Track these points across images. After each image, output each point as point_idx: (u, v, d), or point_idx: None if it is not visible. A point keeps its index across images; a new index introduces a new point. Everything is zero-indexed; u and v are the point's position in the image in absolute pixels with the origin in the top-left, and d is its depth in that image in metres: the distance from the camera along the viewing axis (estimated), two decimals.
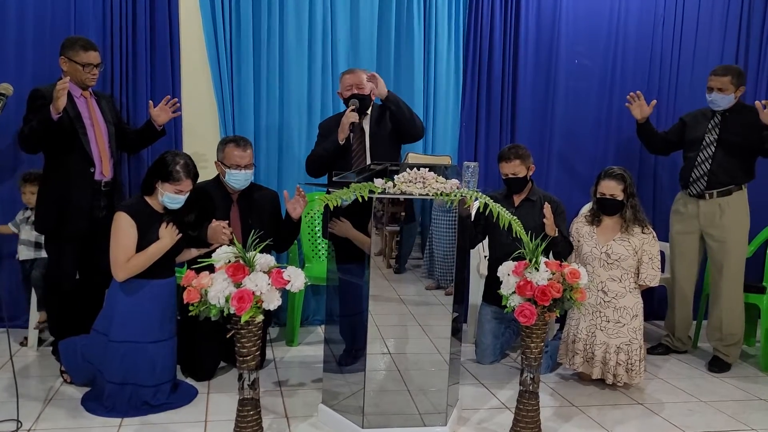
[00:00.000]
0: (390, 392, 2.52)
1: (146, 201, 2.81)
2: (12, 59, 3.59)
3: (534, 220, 3.23)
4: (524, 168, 3.37)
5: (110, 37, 3.66)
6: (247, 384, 2.33)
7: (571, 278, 2.42)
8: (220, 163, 3.16)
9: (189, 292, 2.22)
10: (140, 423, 2.60)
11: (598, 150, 4.41)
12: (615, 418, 2.85)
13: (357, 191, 2.31)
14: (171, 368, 2.83)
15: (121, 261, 2.68)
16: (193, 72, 3.86)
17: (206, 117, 3.90)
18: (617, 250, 3.14)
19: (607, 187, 3.19)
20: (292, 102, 3.95)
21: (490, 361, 3.50)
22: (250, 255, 2.27)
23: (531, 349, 2.48)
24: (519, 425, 2.53)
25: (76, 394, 2.84)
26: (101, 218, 3.08)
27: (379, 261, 2.46)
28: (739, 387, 3.32)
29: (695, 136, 3.64)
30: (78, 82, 3.09)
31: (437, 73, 4.13)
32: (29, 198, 3.47)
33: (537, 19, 4.25)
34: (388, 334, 2.50)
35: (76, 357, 2.87)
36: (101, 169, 3.12)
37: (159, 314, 2.77)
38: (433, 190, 2.39)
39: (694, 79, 4.38)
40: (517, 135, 4.27)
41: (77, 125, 3.04)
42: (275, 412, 2.77)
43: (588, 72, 4.37)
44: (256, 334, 2.30)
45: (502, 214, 2.40)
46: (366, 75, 3.24)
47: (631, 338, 3.10)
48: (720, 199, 3.55)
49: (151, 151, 3.70)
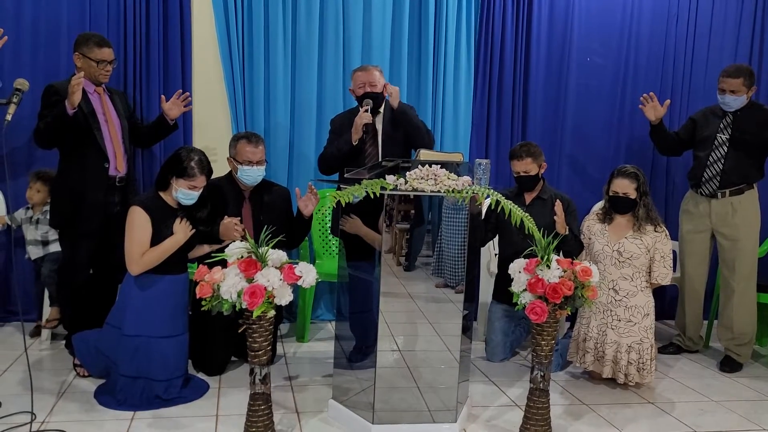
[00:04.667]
0: (400, 389, 2.52)
1: (160, 196, 2.83)
2: (27, 55, 3.63)
3: (545, 218, 3.22)
4: (536, 166, 3.36)
5: (124, 33, 3.69)
6: (259, 379, 2.34)
7: (582, 276, 2.41)
8: (232, 159, 3.17)
9: (201, 287, 2.24)
10: (152, 416, 2.62)
11: (610, 148, 4.39)
12: (626, 416, 2.84)
13: (368, 188, 2.31)
14: (183, 363, 2.85)
15: (136, 255, 2.70)
16: (206, 69, 3.89)
17: (217, 113, 3.92)
18: (629, 248, 3.13)
19: (620, 186, 3.17)
20: (303, 99, 3.96)
21: (500, 359, 3.50)
22: (263, 250, 2.28)
23: (542, 347, 2.47)
24: (529, 423, 2.53)
25: (90, 388, 2.87)
26: (115, 213, 3.11)
27: (390, 258, 2.47)
28: (751, 387, 3.30)
29: (706, 135, 3.61)
30: (92, 79, 3.11)
31: (449, 69, 4.12)
32: (33, 195, 3.49)
33: (549, 16, 4.23)
34: (399, 331, 2.51)
35: (89, 350, 2.89)
36: (115, 165, 3.14)
37: (171, 310, 2.79)
38: (445, 187, 2.39)
39: (707, 78, 4.35)
40: (528, 133, 4.26)
41: (91, 121, 3.07)
42: (286, 407, 2.79)
43: (600, 70, 4.35)
44: (268, 329, 2.31)
45: (514, 211, 2.40)
46: (378, 72, 3.25)
47: (642, 337, 3.09)
48: (732, 198, 3.53)
49: (163, 147, 3.74)
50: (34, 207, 3.53)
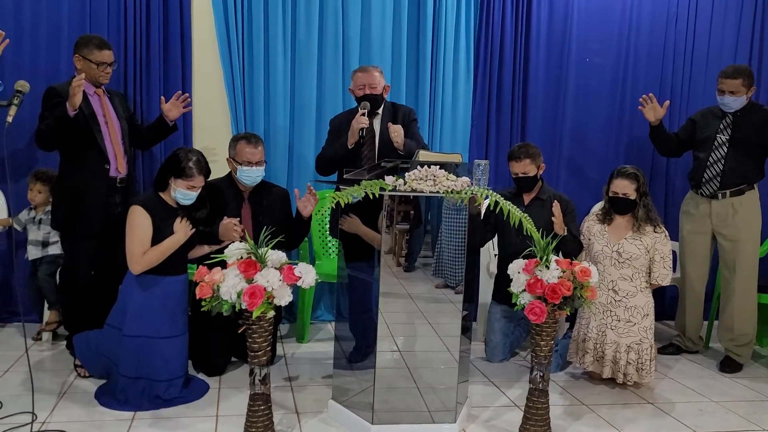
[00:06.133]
0: (400, 389, 2.53)
1: (160, 196, 2.84)
2: (27, 57, 3.63)
3: (544, 219, 3.22)
4: (534, 167, 3.36)
5: (124, 35, 3.70)
6: (258, 379, 2.35)
7: (581, 276, 2.42)
8: (231, 159, 3.18)
9: (201, 288, 2.24)
10: (152, 417, 2.63)
11: (610, 149, 4.39)
12: (625, 417, 2.85)
13: (368, 188, 2.31)
14: (183, 363, 2.86)
15: (137, 254, 2.71)
16: (205, 70, 3.89)
17: (217, 114, 3.92)
18: (629, 249, 3.13)
19: (620, 186, 3.18)
20: (303, 100, 3.97)
21: (499, 360, 3.50)
22: (262, 251, 2.29)
23: (541, 348, 2.48)
24: (528, 423, 2.53)
25: (90, 388, 2.88)
26: (116, 215, 3.11)
27: (389, 259, 2.47)
28: (751, 387, 3.30)
29: (706, 135, 3.61)
30: (92, 80, 3.11)
31: (448, 70, 4.12)
32: (35, 195, 3.50)
33: (549, 16, 4.24)
34: (398, 331, 2.51)
35: (90, 351, 2.90)
36: (116, 166, 3.15)
37: (171, 310, 2.80)
38: (444, 188, 2.39)
39: (707, 78, 4.35)
40: (527, 133, 4.26)
41: (92, 123, 3.07)
42: (286, 407, 2.79)
43: (600, 69, 4.35)
44: (267, 329, 2.32)
45: (513, 211, 2.40)
46: (378, 73, 3.25)
47: (642, 337, 3.09)
48: (733, 199, 3.53)
49: (163, 149, 3.74)
50: (36, 208, 3.54)
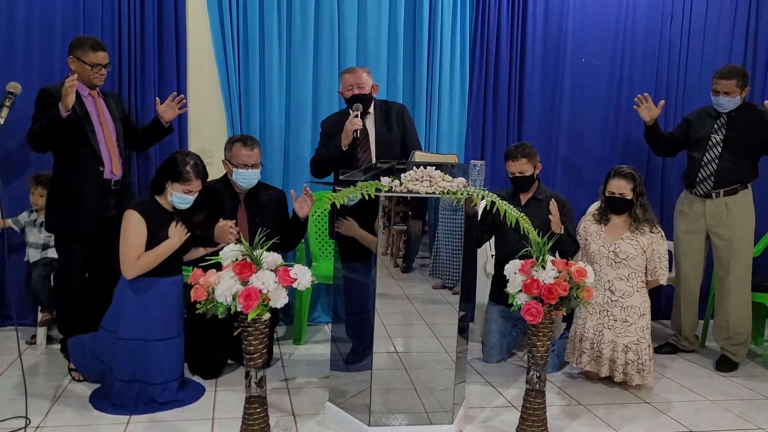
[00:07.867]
0: (397, 390, 2.52)
1: (156, 200, 2.83)
2: (20, 58, 3.61)
3: (540, 218, 3.21)
4: (531, 166, 3.36)
5: (118, 36, 3.68)
6: (254, 382, 2.33)
7: (577, 276, 2.42)
8: (227, 162, 3.17)
9: (196, 290, 2.23)
10: (148, 420, 2.61)
11: (606, 149, 4.40)
12: (622, 416, 2.85)
13: (363, 189, 2.31)
14: (178, 366, 2.84)
15: (131, 259, 2.70)
16: (201, 71, 3.88)
17: (212, 115, 3.91)
18: (625, 248, 3.13)
19: (616, 186, 3.18)
20: (298, 101, 3.96)
21: (496, 360, 3.50)
22: (257, 253, 2.28)
23: (537, 348, 2.47)
24: (525, 423, 2.52)
25: (85, 392, 2.86)
26: (111, 217, 3.10)
27: (386, 260, 2.47)
28: (747, 386, 3.30)
29: (700, 135, 3.62)
30: (86, 82, 3.10)
31: (444, 70, 4.12)
32: (37, 199, 3.49)
33: (544, 16, 4.24)
34: (395, 332, 2.50)
35: (84, 354, 2.89)
36: (110, 168, 3.13)
37: (166, 312, 2.78)
38: (440, 189, 2.39)
39: (702, 78, 4.35)
40: (523, 134, 4.26)
41: (85, 124, 3.06)
42: (282, 409, 2.78)
43: (596, 70, 4.35)
44: (263, 332, 2.31)
45: (509, 211, 2.40)
46: (366, 73, 3.23)
47: (639, 337, 3.09)
48: (726, 198, 3.54)
49: (159, 151, 3.73)
50: (38, 210, 3.53)
